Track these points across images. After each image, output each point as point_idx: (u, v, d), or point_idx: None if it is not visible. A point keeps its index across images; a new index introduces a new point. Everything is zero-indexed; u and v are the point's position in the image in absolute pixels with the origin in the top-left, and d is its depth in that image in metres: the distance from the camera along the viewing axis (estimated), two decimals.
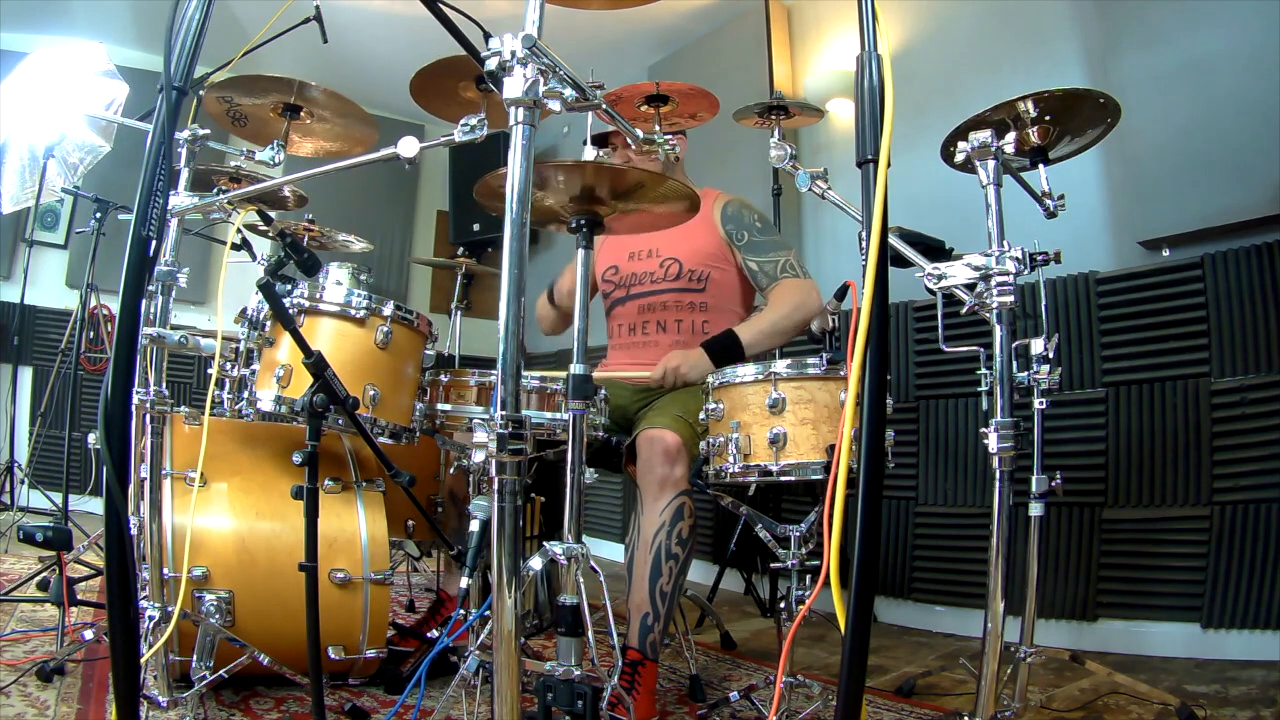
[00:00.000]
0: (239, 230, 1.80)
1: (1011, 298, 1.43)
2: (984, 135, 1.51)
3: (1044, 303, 2.01)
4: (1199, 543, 2.18)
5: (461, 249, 3.75)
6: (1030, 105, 1.59)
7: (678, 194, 1.48)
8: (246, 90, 1.78)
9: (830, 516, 0.96)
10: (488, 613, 1.15)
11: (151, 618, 1.46)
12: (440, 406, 1.84)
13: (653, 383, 2.02)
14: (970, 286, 1.46)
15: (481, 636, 1.44)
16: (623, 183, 1.42)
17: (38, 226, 4.16)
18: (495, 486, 0.96)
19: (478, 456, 0.99)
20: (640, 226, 1.85)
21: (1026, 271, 1.44)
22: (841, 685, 0.84)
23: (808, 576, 1.59)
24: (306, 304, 1.69)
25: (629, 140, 1.99)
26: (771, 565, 2.63)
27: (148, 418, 1.50)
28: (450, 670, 1.55)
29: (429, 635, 2.06)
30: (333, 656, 1.71)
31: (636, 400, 2.13)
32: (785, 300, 2.07)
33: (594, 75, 1.18)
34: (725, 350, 1.99)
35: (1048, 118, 1.61)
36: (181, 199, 1.53)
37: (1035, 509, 1.69)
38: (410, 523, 2.30)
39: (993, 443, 1.44)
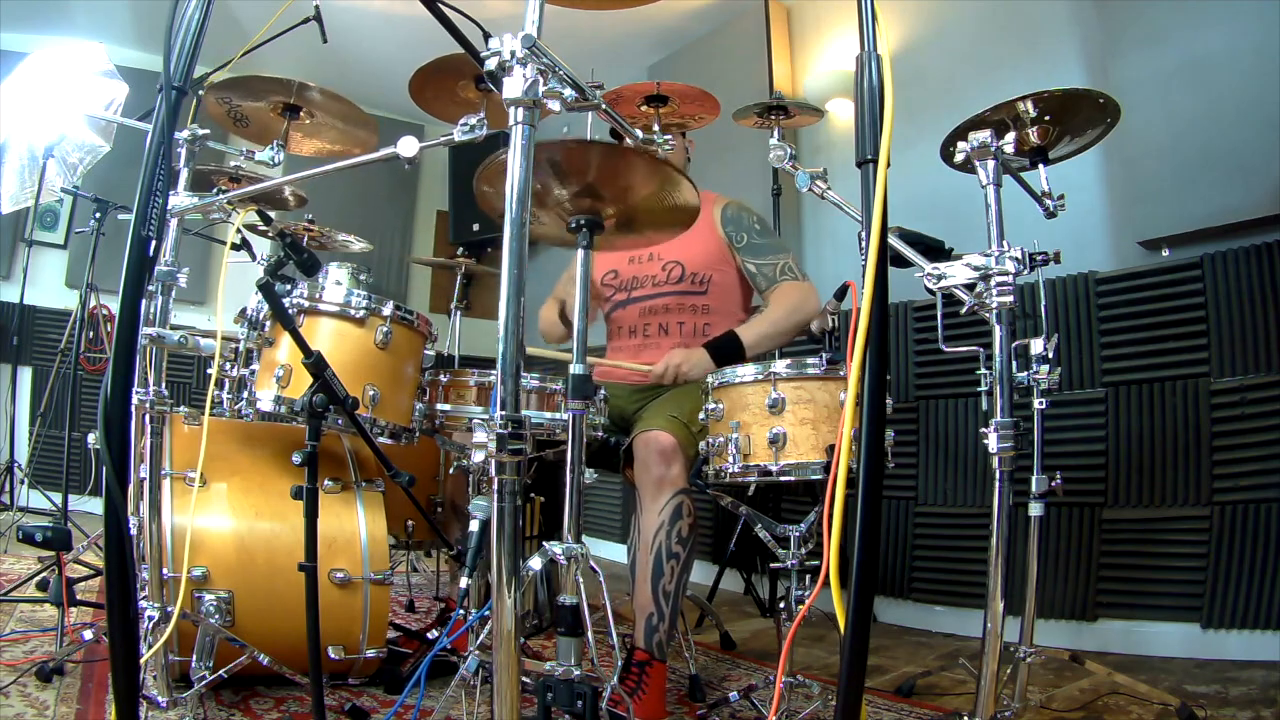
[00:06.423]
0: (239, 230, 1.80)
1: (1011, 298, 1.43)
2: (984, 135, 1.51)
3: (1044, 303, 2.02)
4: (1199, 543, 2.18)
5: (461, 249, 3.74)
6: (1030, 105, 1.58)
7: (677, 187, 1.48)
8: (246, 91, 1.79)
9: (830, 516, 0.96)
10: (488, 613, 1.15)
11: (151, 618, 1.46)
12: (440, 406, 1.84)
13: (653, 378, 2.03)
14: (970, 286, 1.46)
15: (481, 636, 1.44)
16: (623, 173, 1.41)
17: (37, 226, 4.16)
18: (495, 486, 0.96)
19: (477, 456, 0.99)
20: (639, 244, 1.84)
21: (1026, 271, 1.44)
22: (841, 685, 0.84)
23: (807, 576, 1.59)
24: (306, 304, 1.69)
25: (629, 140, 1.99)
26: (771, 565, 2.63)
27: (147, 418, 1.50)
28: (450, 670, 1.55)
29: (429, 635, 2.06)
30: (332, 656, 1.71)
31: (634, 401, 2.13)
32: (784, 302, 2.08)
33: (594, 75, 1.18)
34: (726, 351, 2.00)
35: (1047, 118, 1.61)
36: (181, 199, 1.53)
37: (1035, 509, 1.69)
38: (410, 522, 2.30)
39: (992, 443, 1.44)
